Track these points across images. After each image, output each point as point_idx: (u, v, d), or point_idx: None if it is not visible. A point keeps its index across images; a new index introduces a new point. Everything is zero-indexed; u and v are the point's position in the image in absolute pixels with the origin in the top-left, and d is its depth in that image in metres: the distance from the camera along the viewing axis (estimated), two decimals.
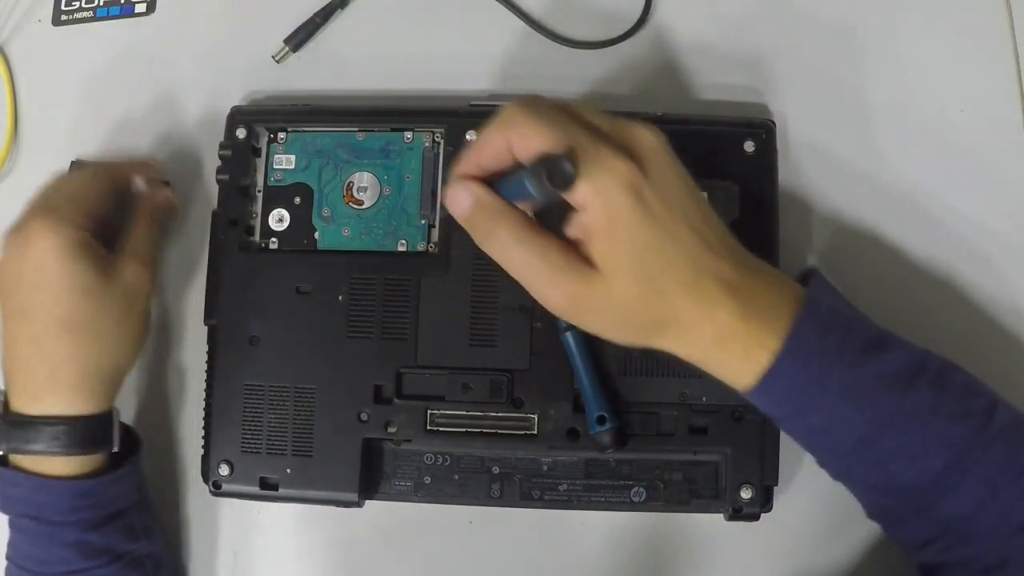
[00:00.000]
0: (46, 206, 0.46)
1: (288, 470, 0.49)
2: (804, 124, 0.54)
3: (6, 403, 0.46)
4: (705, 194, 0.49)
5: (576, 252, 0.38)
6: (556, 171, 0.36)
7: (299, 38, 0.57)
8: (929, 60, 0.55)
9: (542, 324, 0.48)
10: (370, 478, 0.49)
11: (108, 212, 0.49)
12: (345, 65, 0.57)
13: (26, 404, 0.45)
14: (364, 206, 0.51)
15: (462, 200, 0.39)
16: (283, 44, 0.56)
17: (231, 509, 0.52)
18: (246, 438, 0.49)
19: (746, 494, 0.47)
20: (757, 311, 0.39)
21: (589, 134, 0.38)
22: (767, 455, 0.47)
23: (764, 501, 0.47)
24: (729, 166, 0.50)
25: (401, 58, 0.57)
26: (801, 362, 0.39)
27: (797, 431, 0.42)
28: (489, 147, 0.39)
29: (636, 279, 0.38)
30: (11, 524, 0.47)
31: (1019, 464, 0.39)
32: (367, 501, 0.49)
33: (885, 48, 0.55)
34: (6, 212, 0.56)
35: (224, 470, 0.49)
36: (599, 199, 0.37)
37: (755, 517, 0.48)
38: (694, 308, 0.38)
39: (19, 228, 0.46)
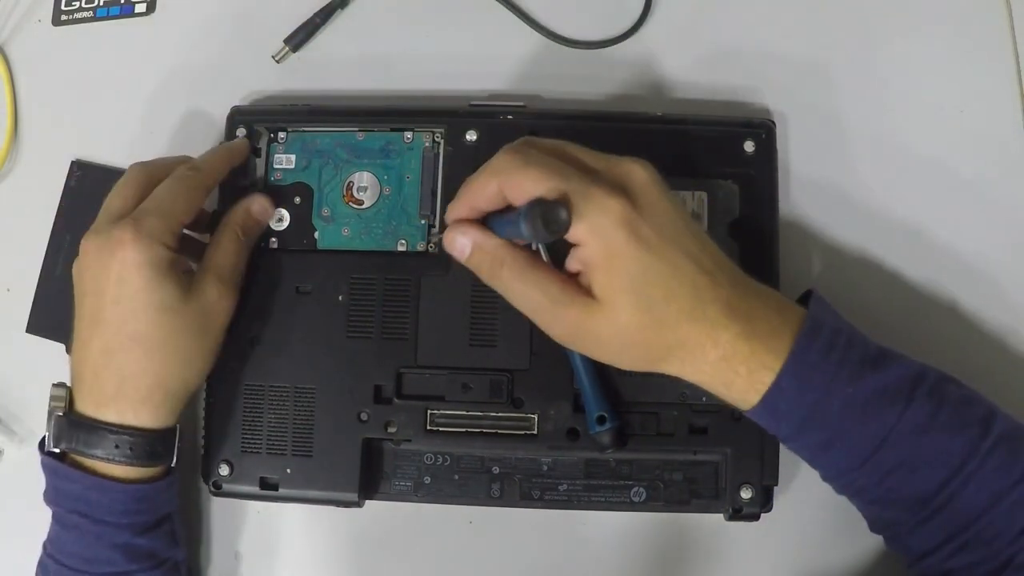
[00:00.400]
0: (135, 217, 0.45)
1: (288, 470, 0.49)
2: (804, 124, 0.54)
3: (71, 399, 0.46)
4: (705, 194, 0.49)
5: (575, 283, 0.41)
6: (551, 217, 0.37)
7: (299, 38, 0.57)
8: (929, 60, 0.55)
9: None
10: (370, 478, 0.49)
11: (198, 218, 0.49)
12: (345, 65, 0.57)
13: (91, 409, 0.45)
14: (364, 206, 0.51)
15: (462, 245, 0.42)
16: (283, 44, 0.57)
17: (231, 509, 0.52)
18: (246, 438, 0.49)
19: (746, 494, 0.47)
20: (758, 332, 0.40)
21: (581, 175, 0.40)
22: (767, 455, 0.47)
23: (764, 501, 0.47)
24: (729, 166, 0.50)
25: (401, 58, 0.57)
26: (803, 380, 0.40)
27: (801, 448, 0.43)
28: (482, 193, 0.41)
29: (636, 308, 0.39)
30: (57, 519, 0.46)
31: (1018, 471, 0.39)
32: (367, 501, 0.49)
33: (885, 47, 0.55)
34: (6, 212, 0.57)
35: (224, 470, 0.49)
36: (595, 237, 0.39)
37: (755, 517, 0.48)
38: (697, 333, 0.40)
39: (106, 234, 0.44)
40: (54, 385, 0.46)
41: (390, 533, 0.52)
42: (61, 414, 0.45)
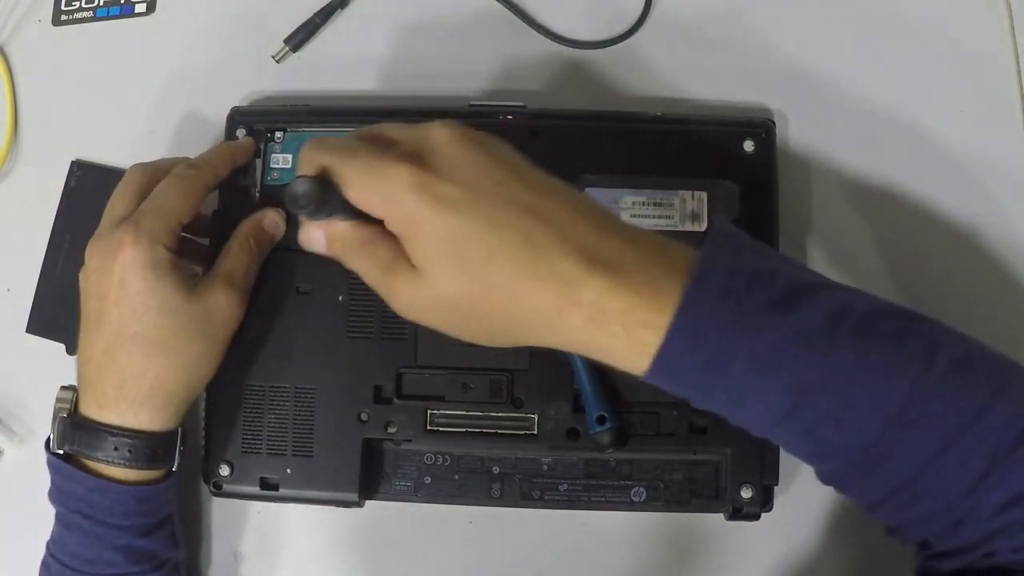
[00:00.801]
0: (135, 219, 0.45)
1: (288, 470, 0.49)
2: (804, 124, 0.54)
3: (76, 402, 0.46)
4: (705, 194, 0.49)
5: (403, 253, 0.38)
6: (295, 192, 0.36)
7: (299, 38, 0.57)
8: (929, 60, 0.55)
9: None
10: (370, 478, 0.49)
11: (197, 221, 0.49)
12: (345, 65, 0.57)
13: (93, 411, 0.45)
14: None
15: (316, 239, 0.40)
16: (283, 44, 0.57)
17: (231, 509, 0.52)
18: (246, 438, 0.49)
19: (746, 494, 0.47)
20: (633, 284, 0.35)
21: (372, 149, 0.37)
22: (767, 455, 0.47)
23: (764, 501, 0.47)
24: (729, 166, 0.50)
25: (401, 58, 0.57)
26: (694, 336, 0.35)
27: (714, 410, 0.38)
28: None
29: (456, 275, 0.36)
30: (60, 519, 0.46)
31: (965, 412, 0.35)
32: (367, 501, 0.49)
33: (885, 47, 0.55)
34: (6, 212, 0.57)
35: (225, 470, 0.49)
36: (387, 208, 0.37)
37: (755, 517, 0.48)
38: (549, 294, 0.35)
39: (108, 237, 0.45)
40: (61, 388, 0.47)
41: (390, 533, 0.52)
42: (65, 415, 0.46)
